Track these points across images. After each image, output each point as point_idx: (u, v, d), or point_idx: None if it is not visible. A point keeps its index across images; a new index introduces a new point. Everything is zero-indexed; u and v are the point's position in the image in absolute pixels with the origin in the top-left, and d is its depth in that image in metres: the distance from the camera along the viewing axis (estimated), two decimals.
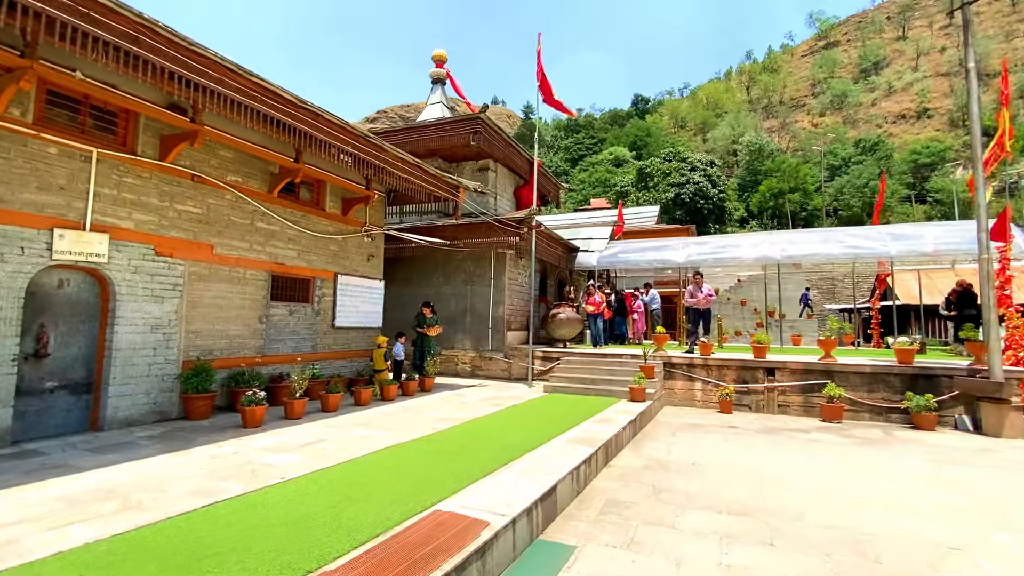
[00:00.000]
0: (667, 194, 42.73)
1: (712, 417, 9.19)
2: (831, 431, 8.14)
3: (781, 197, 55.44)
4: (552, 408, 8.22)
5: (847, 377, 9.22)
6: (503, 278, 12.26)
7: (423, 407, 8.09)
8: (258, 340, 7.97)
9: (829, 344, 9.50)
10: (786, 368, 9.64)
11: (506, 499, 3.89)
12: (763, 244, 13.10)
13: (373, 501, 3.78)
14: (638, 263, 14.44)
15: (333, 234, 9.42)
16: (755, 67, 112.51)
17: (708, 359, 10.27)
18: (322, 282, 9.18)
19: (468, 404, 8.46)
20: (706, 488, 5.13)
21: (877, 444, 7.26)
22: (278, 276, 8.35)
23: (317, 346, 9.05)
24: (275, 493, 3.94)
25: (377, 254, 10.56)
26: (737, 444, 7.12)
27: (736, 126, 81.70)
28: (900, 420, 8.72)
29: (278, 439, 5.76)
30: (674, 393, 10.44)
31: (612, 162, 70.38)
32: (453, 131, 13.90)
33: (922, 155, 57.91)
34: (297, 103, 6.57)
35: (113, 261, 6.12)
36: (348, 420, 6.90)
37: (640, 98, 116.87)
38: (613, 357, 10.93)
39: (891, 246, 11.74)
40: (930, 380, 8.69)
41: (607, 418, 7.39)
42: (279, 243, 8.34)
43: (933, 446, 7.15)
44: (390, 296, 13.65)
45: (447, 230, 12.22)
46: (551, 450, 5.46)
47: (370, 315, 10.25)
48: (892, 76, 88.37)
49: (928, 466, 6.07)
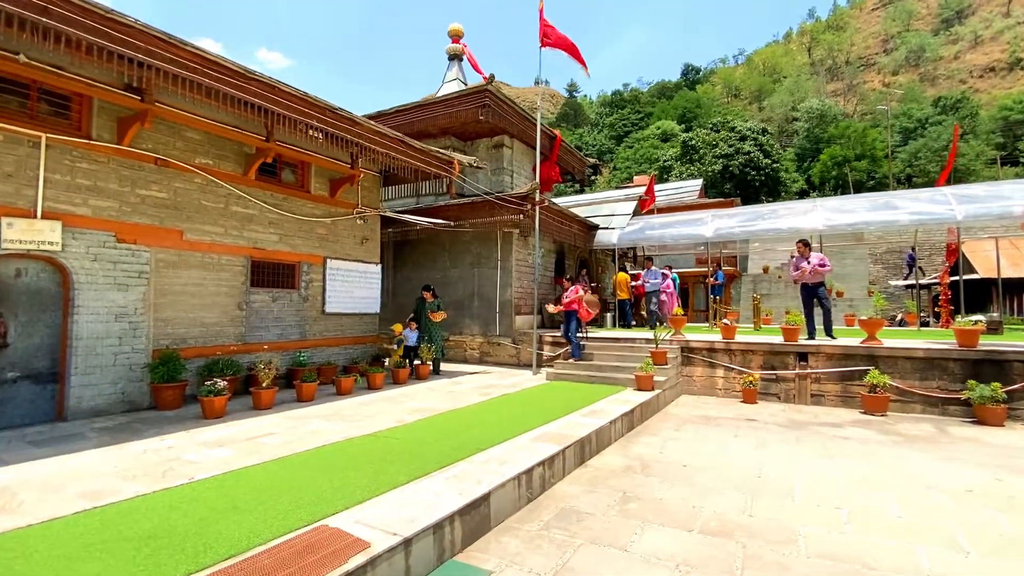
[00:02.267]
0: (714, 167, 40.12)
1: (731, 408, 8.19)
2: (870, 425, 6.98)
3: (846, 165, 50.90)
4: (545, 398, 7.53)
5: (895, 363, 7.93)
6: (510, 259, 11.58)
7: (407, 396, 7.62)
8: (238, 328, 7.74)
9: (873, 325, 8.21)
10: (821, 353, 8.43)
11: (413, 513, 3.29)
12: (803, 213, 11.64)
13: (259, 511, 3.29)
14: (662, 239, 13.29)
15: (320, 217, 9.05)
16: (818, 26, 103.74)
17: (731, 343, 9.19)
18: (309, 267, 8.86)
19: (458, 393, 7.92)
20: (687, 497, 4.32)
21: (924, 443, 6.09)
22: (258, 261, 8.07)
23: (306, 333, 8.77)
24: (162, 498, 3.53)
25: (372, 237, 10.14)
26: (748, 441, 6.17)
27: (795, 91, 75.75)
28: (960, 413, 7.40)
29: (228, 432, 5.43)
30: (692, 381, 9.45)
31: (659, 137, 67.21)
32: (460, 106, 13.21)
33: (1014, 111, 51.30)
34: (246, 74, 6.12)
35: (69, 249, 5.96)
36: (316, 411, 6.52)
37: (690, 68, 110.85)
38: (625, 342, 10.05)
39: (958, 209, 10.05)
40: (999, 366, 7.28)
41: (599, 410, 6.62)
42: (258, 227, 8.04)
43: (996, 447, 5.90)
44: (399, 280, 13.33)
45: (450, 210, 11.64)
46: (510, 448, 4.81)
47: (366, 300, 9.89)
48: (979, 25, 78.90)
49: (985, 474, 4.93)
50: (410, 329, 10.18)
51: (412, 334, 10.13)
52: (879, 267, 29.19)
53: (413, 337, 10.09)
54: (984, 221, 10.02)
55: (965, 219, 9.96)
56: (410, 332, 10.15)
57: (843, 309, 22.31)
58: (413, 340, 10.09)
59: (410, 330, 10.17)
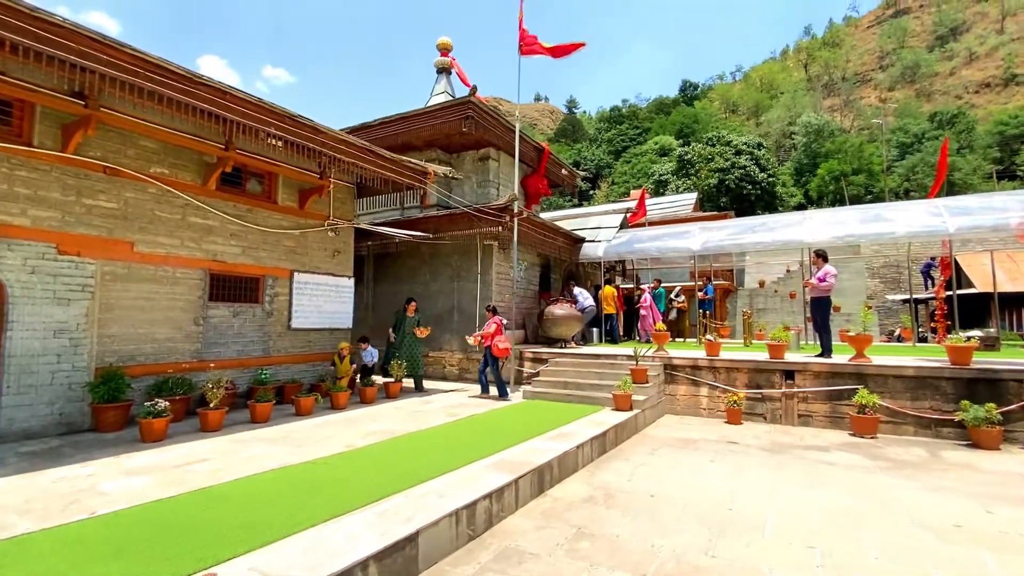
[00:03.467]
0: (710, 180, 39.99)
1: (714, 429, 7.77)
2: (859, 449, 6.56)
3: (843, 180, 50.79)
4: (515, 419, 7.13)
5: (885, 381, 7.53)
6: (491, 272, 11.24)
7: (369, 418, 7.22)
8: (193, 344, 7.38)
9: (861, 341, 7.82)
10: (808, 371, 8.03)
11: (318, 559, 2.90)
12: (793, 225, 11.32)
13: (144, 557, 2.90)
14: (648, 252, 12.96)
15: (288, 228, 8.74)
16: (814, 43, 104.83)
17: (715, 360, 8.79)
18: (275, 280, 8.52)
19: (425, 414, 7.52)
20: (646, 534, 3.91)
21: (913, 469, 5.67)
22: (218, 275, 7.74)
23: (270, 349, 8.40)
24: (45, 538, 3.14)
25: (345, 249, 9.82)
26: (725, 467, 5.76)
27: (792, 107, 76.11)
28: (954, 435, 6.97)
29: (159, 458, 5.04)
30: (676, 400, 9.04)
31: (657, 151, 67.33)
32: (444, 118, 12.99)
33: (1010, 126, 51.38)
34: (193, 79, 5.85)
35: (4, 261, 5.63)
36: (265, 434, 6.13)
37: (688, 84, 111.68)
38: (607, 358, 9.65)
39: (950, 222, 9.72)
40: (993, 385, 6.88)
41: (568, 432, 6.22)
42: (219, 239, 7.73)
43: (990, 474, 5.48)
44: (379, 294, 12.99)
45: (429, 222, 11.35)
46: (458, 478, 4.41)
47: (337, 315, 9.53)
48: (973, 41, 79.59)
49: (976, 507, 4.52)
50: (367, 348, 9.70)
51: (368, 352, 9.61)
52: (876, 281, 28.82)
53: (369, 356, 9.55)
54: (977, 233, 9.68)
55: (957, 231, 9.63)
56: (368, 352, 9.65)
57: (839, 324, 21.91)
58: (370, 358, 9.55)
59: (370, 349, 9.71)
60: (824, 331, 8.40)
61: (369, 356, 9.72)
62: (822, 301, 8.40)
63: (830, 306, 8.46)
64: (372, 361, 9.68)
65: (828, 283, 8.25)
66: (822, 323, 8.41)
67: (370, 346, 9.89)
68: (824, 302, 8.39)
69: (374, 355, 9.82)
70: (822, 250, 8.76)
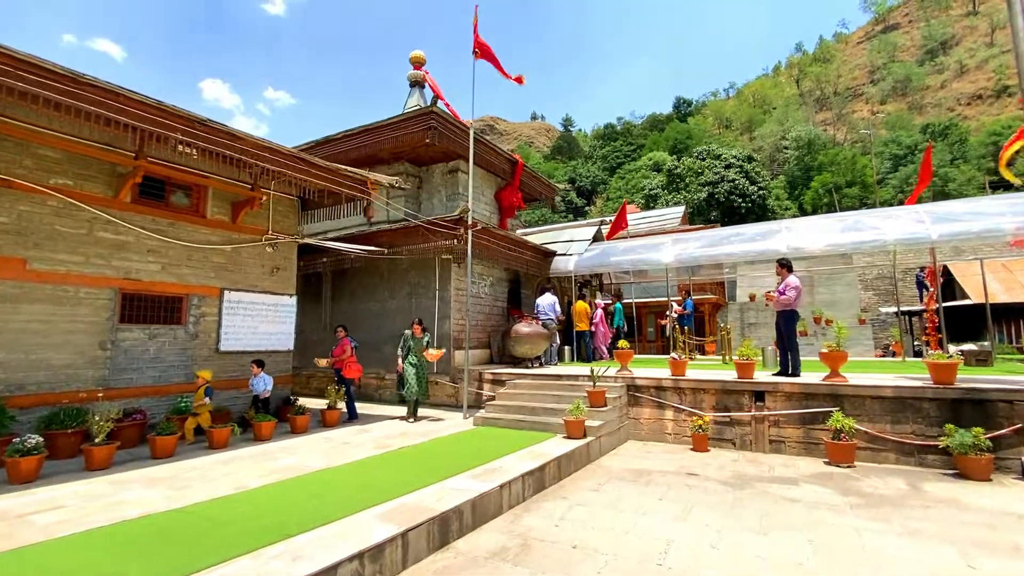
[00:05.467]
0: (699, 194, 39.59)
1: (676, 458, 7.04)
2: (831, 481, 5.83)
3: (837, 192, 50.48)
4: (449, 451, 6.42)
5: (862, 403, 6.82)
6: (449, 288, 10.60)
7: (286, 451, 6.50)
8: (99, 370, 6.71)
9: (835, 359, 7.13)
10: (779, 392, 7.33)
11: None
12: (768, 236, 10.72)
13: None
14: (620, 265, 12.35)
15: (218, 244, 8.15)
16: (805, 59, 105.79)
17: (680, 380, 8.09)
18: (201, 300, 7.89)
19: (352, 446, 6.80)
20: None
21: (889, 507, 4.94)
22: (131, 294, 7.11)
23: (194, 375, 7.71)
24: None
25: (285, 266, 9.21)
26: (673, 506, 5.03)
27: (784, 121, 76.37)
28: (939, 463, 6.25)
29: (10, 503, 4.34)
30: (640, 424, 8.31)
31: (651, 167, 67.38)
32: (406, 129, 12.54)
33: (1003, 136, 51.00)
34: (77, 79, 5.29)
35: None
36: (153, 472, 5.42)
37: (682, 101, 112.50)
38: (568, 379, 8.95)
39: (932, 229, 9.10)
40: (981, 407, 6.17)
41: (498, 468, 5.51)
42: (134, 255, 7.12)
43: (976, 513, 4.75)
44: (337, 313, 12.34)
45: (383, 236, 10.76)
46: (336, 532, 3.71)
47: (276, 336, 8.87)
48: (963, 54, 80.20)
49: (955, 557, 3.80)
50: (259, 375, 7.91)
51: (259, 380, 7.89)
52: (871, 293, 28.11)
53: (262, 384, 7.88)
54: (963, 240, 9.04)
55: (940, 238, 9.00)
56: (264, 379, 7.93)
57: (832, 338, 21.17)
58: (263, 386, 7.88)
59: (264, 377, 7.93)
60: (790, 349, 7.70)
61: (262, 384, 7.87)
62: (785, 316, 7.71)
63: (795, 321, 7.78)
64: (266, 390, 7.88)
65: (788, 296, 7.59)
66: (787, 340, 7.72)
67: (263, 372, 8.00)
68: (788, 316, 7.71)
69: (268, 383, 7.92)
70: (785, 259, 8.13)
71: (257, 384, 7.87)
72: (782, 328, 7.75)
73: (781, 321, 7.74)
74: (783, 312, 7.68)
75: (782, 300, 7.60)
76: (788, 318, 7.67)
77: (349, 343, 8.94)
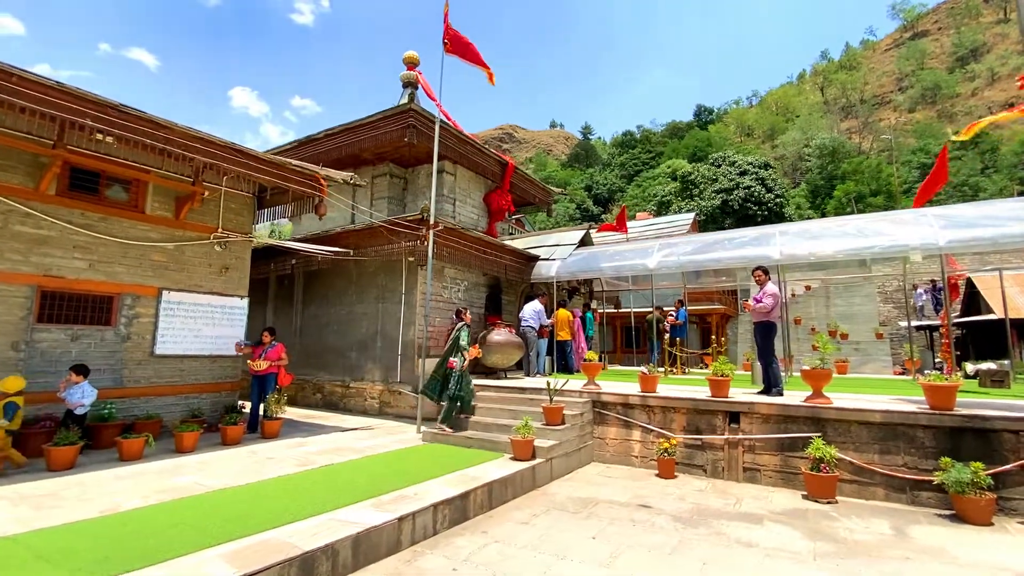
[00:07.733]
0: (713, 201, 38.42)
1: (636, 485, 6.27)
2: (803, 521, 5.01)
3: (861, 201, 48.62)
4: (374, 471, 5.79)
5: (848, 429, 5.97)
6: (415, 292, 10.01)
7: (199, 466, 5.93)
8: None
9: (818, 377, 6.28)
10: (754, 413, 6.51)
11: None
12: (761, 241, 9.87)
13: None
14: (604, 271, 11.59)
15: (159, 241, 7.72)
16: (831, 66, 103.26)
17: (648, 397, 7.32)
18: (135, 300, 7.45)
19: (276, 461, 6.21)
20: None
21: (865, 558, 4.13)
22: (53, 292, 6.69)
23: (123, 380, 7.26)
24: None
25: (237, 266, 8.73)
26: (603, 548, 4.30)
27: (808, 129, 74.36)
28: (934, 502, 5.37)
29: None
30: (606, 445, 7.55)
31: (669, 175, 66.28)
32: (385, 128, 12.12)
33: None
34: None
35: None
36: (30, 488, 4.87)
37: (703, 109, 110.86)
38: (532, 392, 8.24)
39: (940, 235, 8.16)
40: (983, 437, 5.29)
41: (413, 494, 4.85)
42: (56, 251, 6.70)
43: (970, 568, 3.91)
44: (307, 318, 11.87)
45: (348, 237, 10.24)
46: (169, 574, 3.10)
47: (223, 340, 8.38)
48: (995, 62, 77.28)
49: None
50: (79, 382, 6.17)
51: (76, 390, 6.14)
52: (890, 306, 26.60)
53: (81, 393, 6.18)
54: (972, 247, 8.08)
55: (948, 245, 8.06)
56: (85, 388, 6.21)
57: (848, 353, 19.89)
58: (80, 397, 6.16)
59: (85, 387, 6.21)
60: (768, 364, 6.88)
61: (79, 395, 6.17)
62: (763, 327, 6.90)
63: (774, 333, 6.95)
64: (83, 403, 6.21)
65: (766, 304, 6.78)
66: (765, 353, 6.90)
67: (86, 381, 6.26)
68: (765, 328, 6.89)
69: (87, 394, 6.23)
70: (764, 265, 7.33)
71: (73, 395, 6.12)
72: (759, 340, 6.94)
73: (757, 333, 6.94)
74: (759, 323, 6.88)
75: (759, 308, 6.80)
76: (764, 329, 6.86)
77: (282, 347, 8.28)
